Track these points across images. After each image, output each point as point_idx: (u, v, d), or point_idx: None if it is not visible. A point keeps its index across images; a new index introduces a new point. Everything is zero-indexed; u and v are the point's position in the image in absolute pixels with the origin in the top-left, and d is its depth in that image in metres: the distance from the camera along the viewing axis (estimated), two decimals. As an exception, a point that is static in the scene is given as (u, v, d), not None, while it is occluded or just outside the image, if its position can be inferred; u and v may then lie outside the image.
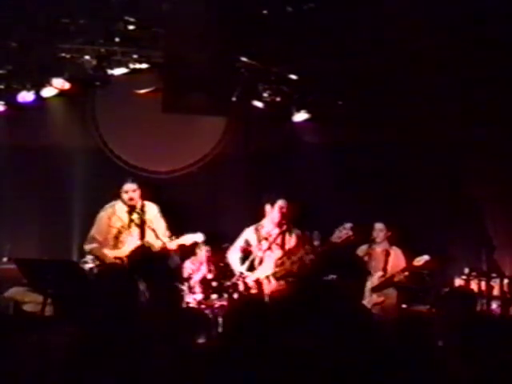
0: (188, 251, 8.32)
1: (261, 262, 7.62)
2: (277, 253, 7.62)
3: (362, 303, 7.63)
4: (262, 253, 7.61)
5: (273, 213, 7.64)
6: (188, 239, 7.49)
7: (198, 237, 7.59)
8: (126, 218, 7.45)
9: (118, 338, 3.84)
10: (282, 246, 7.62)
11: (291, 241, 7.63)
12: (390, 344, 3.71)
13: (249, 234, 7.75)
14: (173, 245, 7.36)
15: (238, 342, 3.25)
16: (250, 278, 7.55)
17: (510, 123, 8.79)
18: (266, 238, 7.65)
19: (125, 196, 7.44)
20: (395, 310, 8.20)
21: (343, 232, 7.38)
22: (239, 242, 7.76)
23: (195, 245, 8.39)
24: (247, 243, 7.71)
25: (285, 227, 7.61)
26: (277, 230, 7.64)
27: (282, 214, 7.59)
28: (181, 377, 3.43)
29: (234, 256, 7.77)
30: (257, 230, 7.73)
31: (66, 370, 3.71)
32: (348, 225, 7.40)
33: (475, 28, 7.72)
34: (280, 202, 7.62)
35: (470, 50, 8.02)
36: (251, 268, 7.64)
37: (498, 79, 8.38)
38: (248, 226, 7.82)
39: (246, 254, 7.72)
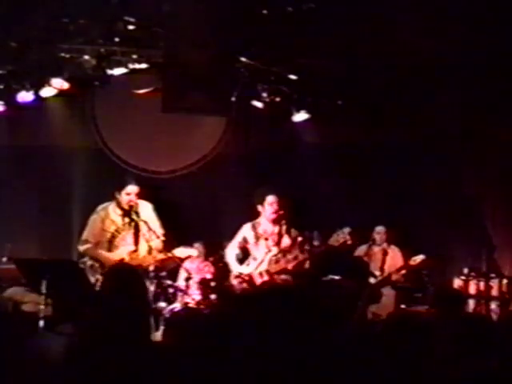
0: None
1: (255, 259, 7.73)
2: (272, 250, 7.71)
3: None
4: (258, 252, 7.73)
5: (265, 211, 7.72)
6: (183, 253, 7.54)
7: (193, 252, 7.69)
8: (119, 220, 7.42)
9: (121, 339, 3.84)
10: (278, 243, 7.72)
11: (286, 241, 7.71)
12: (387, 343, 3.71)
13: (246, 230, 7.89)
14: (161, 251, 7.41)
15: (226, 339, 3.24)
16: (244, 273, 7.71)
17: (510, 122, 8.79)
18: (266, 238, 7.73)
19: (125, 197, 7.41)
20: (392, 309, 8.22)
21: (340, 236, 7.47)
22: (237, 239, 7.89)
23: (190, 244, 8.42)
24: (245, 240, 7.87)
25: (281, 223, 7.74)
26: (273, 227, 7.72)
27: (275, 209, 7.66)
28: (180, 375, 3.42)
29: (231, 252, 7.91)
30: (254, 227, 7.86)
31: (66, 371, 3.71)
32: (346, 229, 7.49)
33: (475, 27, 7.72)
34: (269, 198, 7.70)
35: (471, 49, 8.02)
36: (241, 260, 7.81)
37: (499, 78, 8.38)
38: (245, 222, 7.94)
39: (244, 250, 7.82)
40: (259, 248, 7.76)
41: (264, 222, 7.79)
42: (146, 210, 7.48)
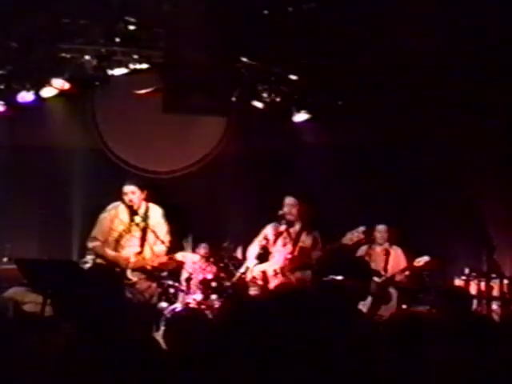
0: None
1: (271, 254, 7.74)
2: (288, 248, 7.72)
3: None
4: (274, 246, 7.76)
5: (282, 210, 7.73)
6: (185, 257, 7.56)
7: (195, 257, 7.73)
8: (128, 220, 7.44)
9: (118, 336, 3.84)
10: (295, 242, 7.71)
11: (307, 241, 7.73)
12: (388, 345, 3.71)
13: (268, 229, 7.92)
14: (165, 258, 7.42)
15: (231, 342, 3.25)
16: (258, 269, 7.64)
17: (510, 122, 8.79)
18: (281, 233, 7.74)
19: (124, 198, 7.43)
20: (395, 309, 8.22)
21: (355, 235, 7.53)
22: (259, 237, 7.92)
23: (196, 245, 8.43)
24: (265, 238, 7.86)
25: (302, 224, 7.77)
26: (294, 227, 7.74)
27: (290, 211, 7.70)
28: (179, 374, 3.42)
29: (252, 251, 7.86)
30: (276, 225, 7.86)
31: (65, 370, 3.71)
32: (361, 228, 7.56)
33: (475, 28, 7.73)
34: (287, 200, 7.74)
35: (470, 49, 8.02)
36: (262, 258, 7.75)
37: (498, 79, 8.38)
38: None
39: (264, 249, 7.84)
40: (277, 246, 7.79)
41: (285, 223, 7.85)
42: (156, 214, 7.49)
